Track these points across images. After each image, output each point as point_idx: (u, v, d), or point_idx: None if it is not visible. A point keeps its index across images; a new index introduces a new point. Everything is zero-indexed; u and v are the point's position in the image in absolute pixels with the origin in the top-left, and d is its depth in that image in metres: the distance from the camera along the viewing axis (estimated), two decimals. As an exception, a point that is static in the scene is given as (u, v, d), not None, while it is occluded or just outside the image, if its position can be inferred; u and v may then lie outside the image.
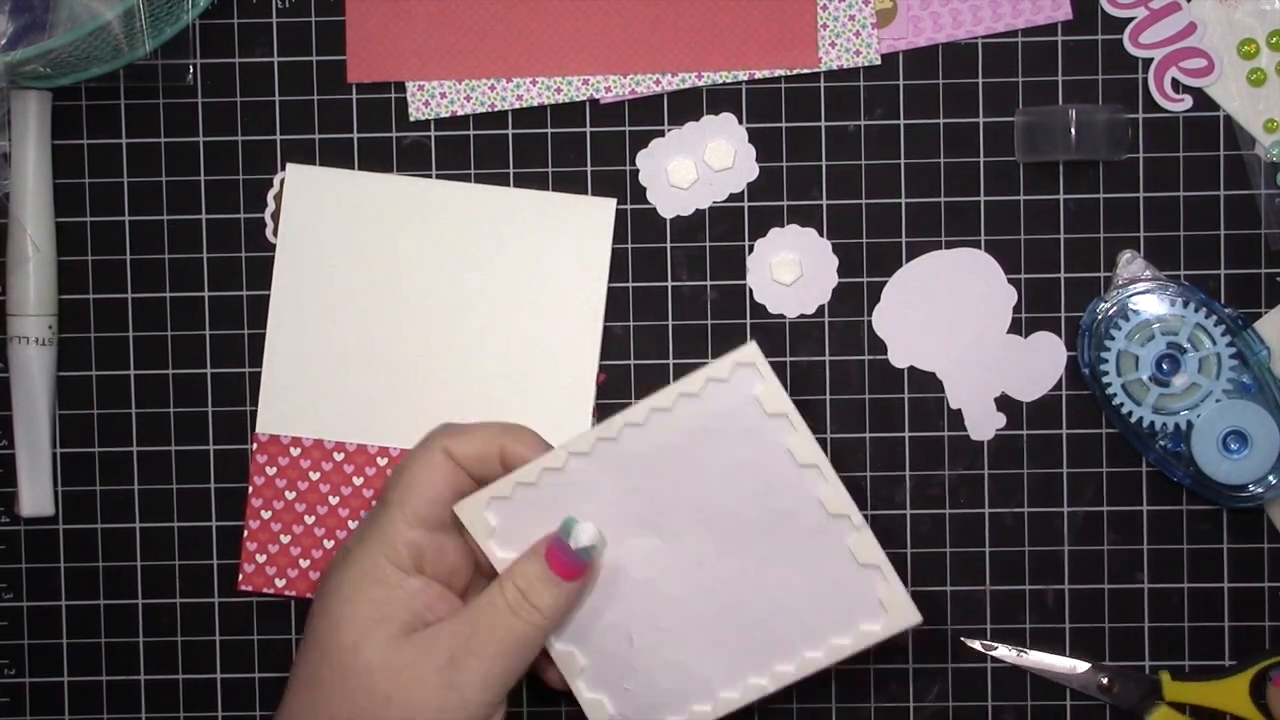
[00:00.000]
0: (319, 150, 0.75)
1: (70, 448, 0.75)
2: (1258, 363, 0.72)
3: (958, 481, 0.75)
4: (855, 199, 0.74)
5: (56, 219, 0.75)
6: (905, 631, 0.65)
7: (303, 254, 0.74)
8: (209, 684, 0.76)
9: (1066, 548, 0.75)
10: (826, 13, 0.73)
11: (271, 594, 0.75)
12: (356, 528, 0.68)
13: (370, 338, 0.74)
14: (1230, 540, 0.74)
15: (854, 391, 0.75)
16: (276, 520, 0.74)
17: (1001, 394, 0.74)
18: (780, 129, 0.74)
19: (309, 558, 0.74)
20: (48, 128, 0.74)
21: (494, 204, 0.74)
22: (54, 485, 0.75)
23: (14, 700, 0.76)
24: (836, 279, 0.75)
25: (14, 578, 0.76)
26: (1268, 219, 0.74)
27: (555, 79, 0.74)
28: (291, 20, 0.74)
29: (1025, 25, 0.74)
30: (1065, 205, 0.74)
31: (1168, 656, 0.75)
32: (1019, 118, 0.74)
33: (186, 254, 0.75)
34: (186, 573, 0.76)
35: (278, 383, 0.74)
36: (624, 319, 0.75)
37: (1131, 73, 0.74)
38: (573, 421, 0.74)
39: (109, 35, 0.69)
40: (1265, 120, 0.73)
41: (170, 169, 0.75)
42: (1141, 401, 0.72)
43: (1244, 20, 0.73)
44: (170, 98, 0.75)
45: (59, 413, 0.75)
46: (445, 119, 0.74)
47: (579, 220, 0.74)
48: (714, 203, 0.75)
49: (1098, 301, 0.73)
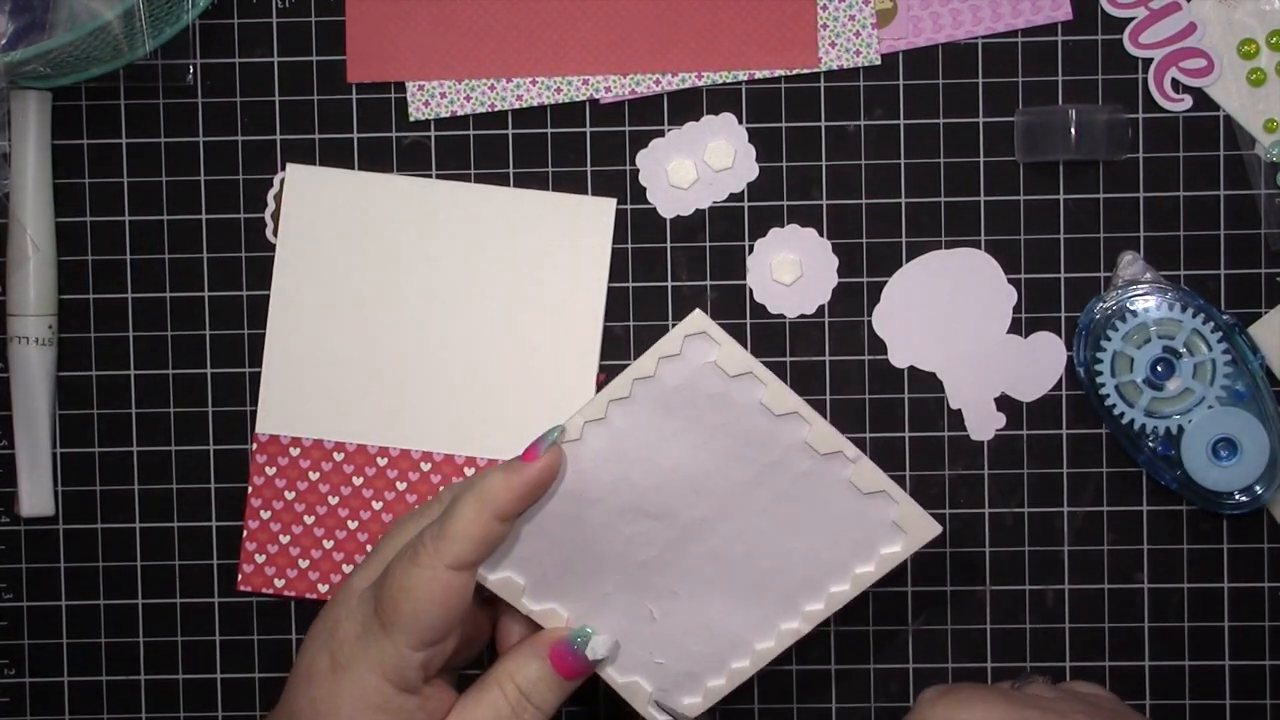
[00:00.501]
0: (319, 150, 0.75)
1: (70, 448, 0.75)
2: (1252, 371, 0.72)
3: (958, 481, 0.75)
4: (855, 199, 0.74)
5: (56, 219, 0.75)
6: (927, 544, 0.64)
7: (303, 254, 0.74)
8: (209, 684, 0.76)
9: (1066, 548, 0.75)
10: (826, 13, 0.73)
11: (271, 594, 0.75)
12: (346, 630, 0.61)
13: (370, 338, 0.74)
14: (1230, 540, 0.74)
15: (854, 391, 0.75)
16: (276, 520, 0.74)
17: (1001, 394, 0.74)
18: (780, 129, 0.74)
19: (308, 558, 0.74)
20: (48, 128, 0.74)
21: (494, 204, 0.74)
22: (54, 485, 0.75)
23: (14, 700, 0.76)
24: (836, 279, 0.75)
25: (14, 578, 0.76)
26: (1268, 219, 0.74)
27: (555, 79, 0.74)
28: (291, 20, 0.74)
29: (1025, 25, 0.74)
30: (1065, 205, 0.74)
31: (1168, 656, 0.75)
32: (1019, 118, 0.74)
33: (186, 254, 0.75)
34: (186, 573, 0.76)
35: (278, 383, 0.74)
36: (624, 319, 0.75)
37: (1131, 73, 0.74)
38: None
39: (109, 35, 0.69)
40: (1265, 120, 0.73)
41: (170, 169, 0.75)
42: (1134, 404, 0.72)
43: (1244, 20, 0.73)
44: (170, 98, 0.75)
45: (59, 413, 0.75)
46: (445, 119, 0.74)
47: (579, 220, 0.74)
48: (714, 203, 0.75)
49: (1096, 301, 0.73)
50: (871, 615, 0.75)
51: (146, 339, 0.75)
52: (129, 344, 0.75)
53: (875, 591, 0.75)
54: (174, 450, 0.75)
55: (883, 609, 0.75)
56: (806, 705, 0.75)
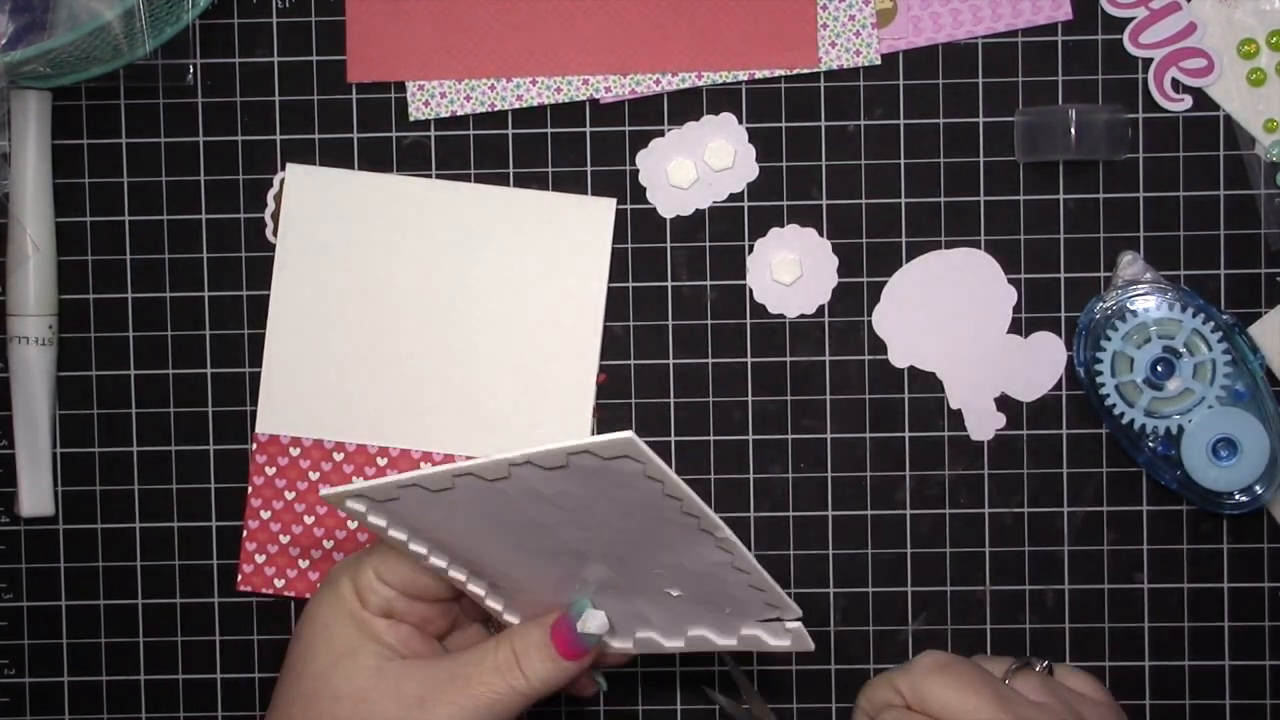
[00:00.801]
0: (319, 150, 0.75)
1: (70, 448, 0.75)
2: (1252, 371, 0.72)
3: (958, 481, 0.75)
4: (855, 199, 0.74)
5: (56, 219, 0.75)
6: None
7: (302, 254, 0.74)
8: (209, 684, 0.76)
9: (1066, 548, 0.75)
10: (826, 13, 0.73)
11: (270, 594, 0.75)
12: (340, 561, 0.67)
13: (370, 338, 0.74)
14: (1230, 540, 0.74)
15: (854, 391, 0.75)
16: (276, 520, 0.74)
17: (1001, 394, 0.74)
18: (780, 129, 0.74)
19: (308, 558, 0.74)
20: (48, 128, 0.74)
21: (494, 204, 0.74)
22: (54, 485, 0.75)
23: (14, 700, 0.76)
24: (836, 279, 0.75)
25: (14, 578, 0.76)
26: (1268, 219, 0.74)
27: (555, 79, 0.74)
28: (291, 20, 0.74)
29: (1025, 25, 0.74)
30: (1065, 205, 0.74)
31: (1168, 657, 0.75)
32: (1019, 118, 0.74)
33: (186, 254, 0.75)
34: (186, 573, 0.76)
35: (277, 383, 0.74)
36: (624, 319, 0.75)
37: (1131, 73, 0.74)
38: (574, 420, 0.74)
39: (109, 35, 0.69)
40: (1265, 120, 0.73)
41: (170, 169, 0.75)
42: (1134, 403, 0.72)
43: (1244, 20, 0.73)
44: (170, 98, 0.75)
45: (59, 413, 0.75)
46: (445, 119, 0.74)
47: (579, 220, 0.74)
48: (714, 203, 0.75)
49: (1096, 301, 0.73)
50: (872, 615, 0.75)
51: (146, 339, 0.75)
52: (129, 344, 0.75)
53: (875, 591, 0.75)
54: (173, 450, 0.75)
55: (883, 609, 0.75)
56: (806, 705, 0.75)
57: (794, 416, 0.75)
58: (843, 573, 0.75)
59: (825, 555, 0.75)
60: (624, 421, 0.74)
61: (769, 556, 0.74)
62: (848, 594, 0.75)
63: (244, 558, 0.75)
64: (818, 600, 0.75)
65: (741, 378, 0.75)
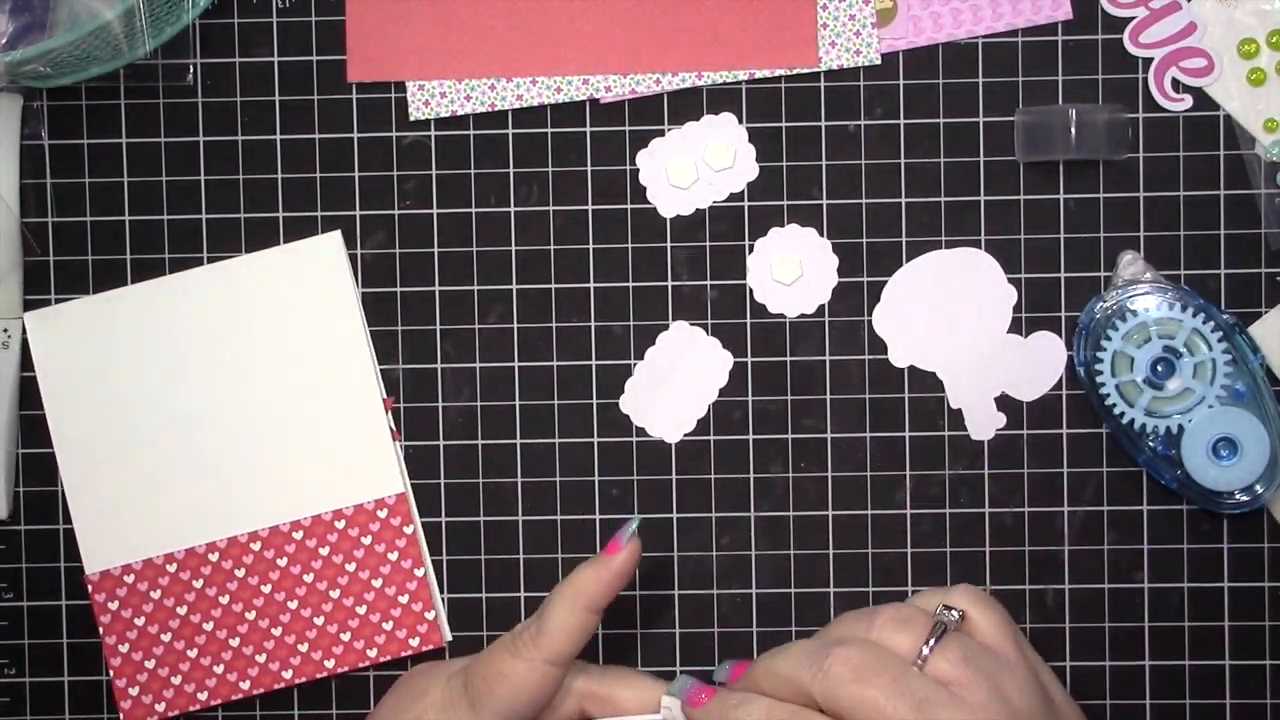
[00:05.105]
0: (319, 150, 0.75)
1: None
2: (1253, 371, 0.72)
3: (958, 481, 0.75)
4: (855, 199, 0.74)
5: (56, 219, 0.75)
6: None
7: (67, 393, 0.74)
8: (209, 684, 0.76)
9: (1066, 548, 0.75)
10: (826, 12, 0.73)
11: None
12: (433, 698, 0.68)
13: (161, 445, 0.74)
14: (1230, 540, 0.74)
15: (854, 391, 0.75)
16: (135, 649, 0.74)
17: (1001, 394, 0.74)
18: (780, 129, 0.74)
19: (179, 673, 0.74)
20: (17, 131, 0.73)
21: (224, 277, 0.74)
22: (12, 487, 0.75)
23: (14, 700, 0.76)
24: (836, 279, 0.75)
25: (14, 578, 0.76)
26: (1268, 219, 0.74)
27: (555, 79, 0.74)
28: (291, 20, 0.74)
29: (1025, 25, 0.74)
30: (1065, 205, 0.74)
31: (1168, 656, 0.75)
32: (1019, 117, 0.74)
33: (186, 254, 0.75)
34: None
35: (89, 521, 0.74)
36: (624, 319, 0.75)
37: (1131, 72, 0.74)
38: (376, 450, 0.74)
39: (109, 35, 0.69)
40: (1265, 120, 0.73)
41: (170, 169, 0.75)
42: (1134, 403, 0.72)
43: (1244, 20, 0.73)
44: (170, 98, 0.75)
45: (20, 414, 0.75)
46: (445, 119, 0.74)
47: (311, 263, 0.74)
48: (714, 202, 0.75)
49: (1096, 301, 0.73)
50: (871, 615, 0.75)
51: (146, 339, 0.75)
52: (129, 344, 0.75)
53: (875, 591, 0.75)
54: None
55: (883, 609, 0.75)
56: (806, 705, 0.75)
57: (794, 416, 0.75)
58: (843, 573, 0.75)
59: (825, 555, 0.75)
60: (625, 421, 0.74)
61: (769, 556, 0.74)
62: (848, 594, 0.75)
63: (118, 695, 0.74)
64: (818, 600, 0.75)
65: (742, 377, 0.75)
